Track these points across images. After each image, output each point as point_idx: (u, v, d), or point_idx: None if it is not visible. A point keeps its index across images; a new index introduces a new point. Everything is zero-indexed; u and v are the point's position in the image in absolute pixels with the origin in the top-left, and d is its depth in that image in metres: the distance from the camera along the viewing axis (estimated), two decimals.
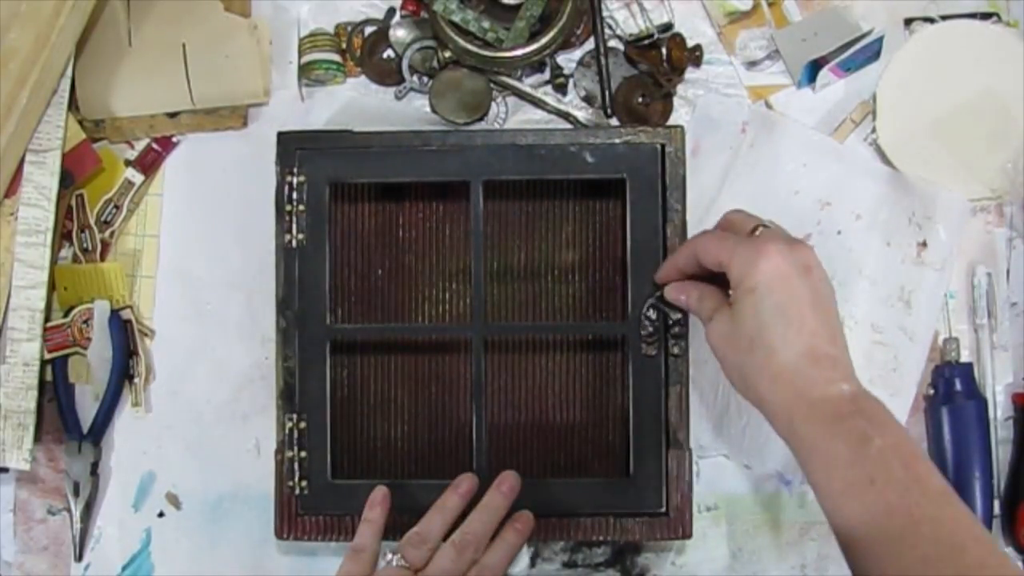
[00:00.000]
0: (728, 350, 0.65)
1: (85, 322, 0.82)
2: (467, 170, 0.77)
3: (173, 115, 0.84)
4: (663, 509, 0.75)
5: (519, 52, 0.81)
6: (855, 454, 0.59)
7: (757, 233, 0.66)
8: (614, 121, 0.83)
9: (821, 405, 0.61)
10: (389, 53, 0.85)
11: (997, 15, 0.84)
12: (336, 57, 0.84)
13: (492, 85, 0.84)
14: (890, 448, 0.59)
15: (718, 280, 0.68)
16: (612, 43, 0.84)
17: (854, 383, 0.62)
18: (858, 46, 0.81)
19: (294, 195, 0.76)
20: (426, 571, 0.68)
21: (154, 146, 0.85)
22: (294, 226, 0.76)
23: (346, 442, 0.78)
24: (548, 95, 0.84)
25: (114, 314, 0.82)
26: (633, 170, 0.76)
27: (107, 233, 0.84)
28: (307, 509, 0.76)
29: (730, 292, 0.65)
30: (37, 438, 0.80)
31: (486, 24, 0.82)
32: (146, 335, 0.84)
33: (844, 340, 0.64)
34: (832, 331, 0.63)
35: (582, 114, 0.84)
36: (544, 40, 0.81)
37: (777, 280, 0.62)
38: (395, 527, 0.73)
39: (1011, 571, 0.58)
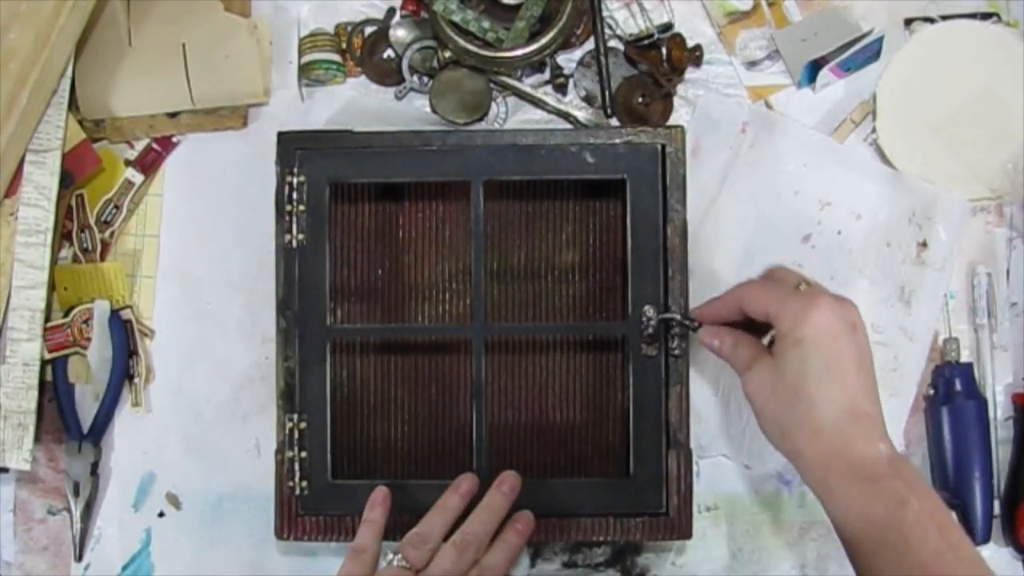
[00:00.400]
0: (767, 400, 0.65)
1: (85, 322, 0.82)
2: (467, 170, 0.76)
3: (173, 115, 0.84)
4: (663, 509, 0.75)
5: (519, 52, 0.81)
6: (892, 516, 0.61)
7: (802, 288, 0.66)
8: (614, 121, 0.83)
9: (860, 464, 0.62)
10: (389, 53, 0.85)
11: (997, 15, 0.84)
12: (336, 57, 0.84)
13: (492, 85, 0.84)
14: (926, 513, 0.61)
15: (752, 330, 0.68)
16: (612, 43, 0.84)
17: (890, 445, 0.63)
18: (858, 46, 0.81)
19: (294, 195, 0.76)
20: (427, 571, 0.68)
21: (154, 146, 0.85)
22: (294, 226, 0.76)
23: (346, 442, 0.78)
24: (548, 95, 0.84)
25: (114, 314, 0.82)
26: (633, 170, 0.76)
27: (107, 233, 0.84)
28: (307, 509, 0.76)
29: (772, 342, 0.66)
30: (37, 438, 0.80)
31: (486, 24, 0.82)
32: (146, 335, 0.84)
33: (879, 401, 0.64)
34: (872, 391, 0.64)
35: (582, 114, 0.84)
36: (544, 40, 0.81)
37: (825, 335, 0.63)
38: (395, 527, 0.73)
39: None
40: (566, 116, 0.84)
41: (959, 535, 0.61)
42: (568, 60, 0.85)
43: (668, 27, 0.84)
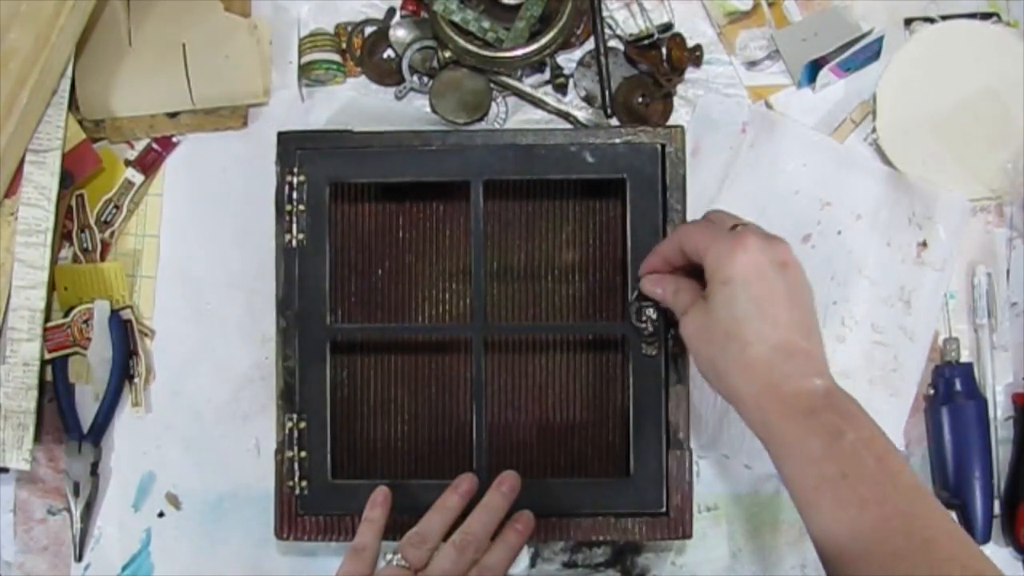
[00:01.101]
0: (701, 343, 0.65)
1: (85, 322, 0.82)
2: (467, 170, 0.77)
3: (173, 115, 0.84)
4: (663, 509, 0.75)
5: (519, 52, 0.81)
6: (828, 449, 0.59)
7: (738, 230, 0.66)
8: (614, 121, 0.83)
9: (794, 399, 0.61)
10: (389, 53, 0.85)
11: (997, 15, 0.84)
12: (336, 57, 0.84)
13: (492, 85, 0.84)
14: (863, 442, 0.60)
15: (698, 275, 0.67)
16: (612, 43, 0.84)
17: (827, 379, 0.62)
18: (858, 46, 0.81)
19: (294, 195, 0.76)
20: (426, 571, 0.68)
21: (154, 146, 0.85)
22: (294, 226, 0.76)
23: (346, 442, 0.78)
24: (548, 95, 0.84)
25: (114, 314, 0.82)
26: (633, 170, 0.76)
27: (107, 233, 0.84)
28: (307, 509, 0.76)
29: (705, 285, 0.65)
30: (37, 438, 0.80)
31: (486, 24, 0.82)
32: (146, 335, 0.84)
33: (820, 336, 0.63)
34: (807, 326, 0.63)
35: (582, 114, 0.84)
36: (544, 40, 0.81)
37: (753, 274, 0.62)
38: (395, 527, 0.73)
39: (981, 564, 0.58)
40: (566, 116, 0.84)
41: (899, 463, 0.60)
42: (568, 60, 0.85)
43: (668, 27, 0.84)
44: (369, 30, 0.86)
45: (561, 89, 0.85)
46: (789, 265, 0.63)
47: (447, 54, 0.82)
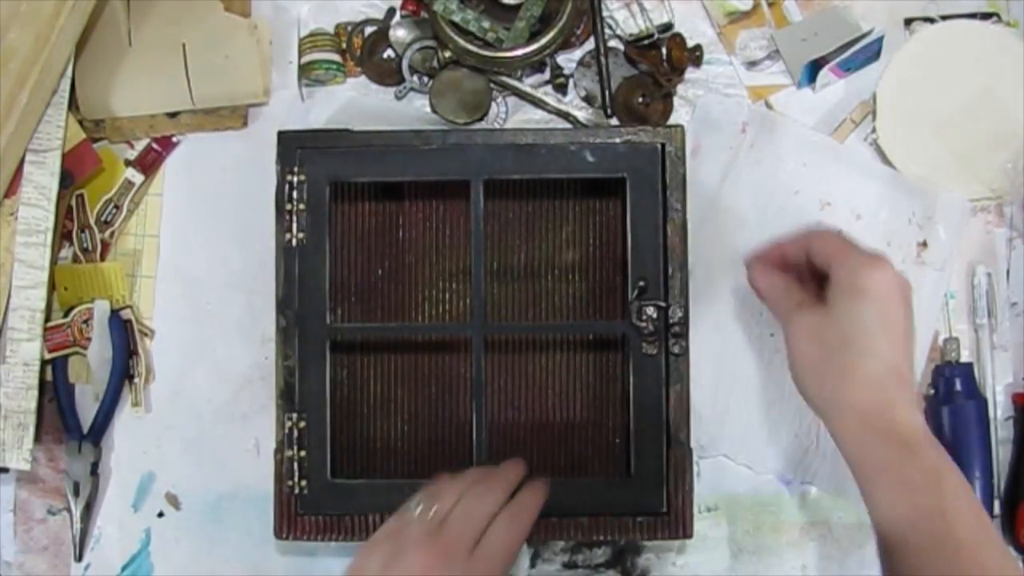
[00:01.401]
0: (811, 344, 0.65)
1: (85, 322, 0.82)
2: (467, 169, 0.76)
3: (173, 115, 0.84)
4: (663, 509, 0.75)
5: (519, 52, 0.81)
6: (931, 486, 0.61)
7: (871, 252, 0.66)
8: (614, 121, 0.83)
9: (900, 428, 0.62)
10: (389, 53, 0.85)
11: (997, 15, 0.84)
12: (336, 57, 0.84)
13: (492, 85, 0.84)
14: (962, 487, 0.61)
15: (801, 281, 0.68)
16: (612, 43, 0.84)
17: (919, 420, 0.63)
18: (858, 46, 0.81)
19: (294, 194, 0.76)
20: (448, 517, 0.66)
21: (154, 146, 0.85)
22: (294, 225, 0.76)
23: (346, 441, 0.78)
24: (548, 95, 0.84)
25: (114, 314, 0.82)
26: (633, 169, 0.76)
27: (107, 233, 0.84)
28: (306, 509, 0.76)
29: (828, 291, 0.65)
30: (37, 438, 0.80)
31: (486, 24, 0.82)
32: (146, 335, 0.84)
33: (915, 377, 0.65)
34: (913, 362, 0.64)
35: (582, 114, 0.84)
36: (544, 40, 0.81)
37: (886, 292, 0.63)
38: None
39: None
40: (566, 116, 0.84)
41: (987, 516, 0.62)
42: (568, 60, 0.85)
43: (668, 27, 0.84)
44: (369, 30, 0.86)
45: (561, 89, 0.85)
46: (911, 305, 0.64)
47: (447, 54, 0.82)
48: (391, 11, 0.86)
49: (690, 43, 0.84)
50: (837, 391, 0.63)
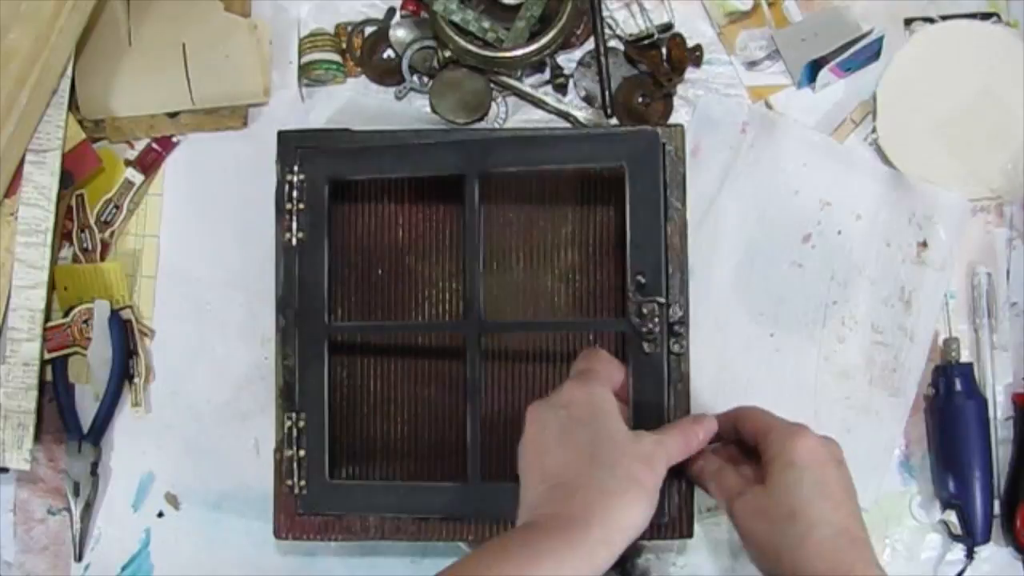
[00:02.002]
0: (759, 524, 0.65)
1: (85, 322, 0.82)
2: (463, 164, 0.76)
3: (173, 115, 0.84)
4: (663, 509, 0.75)
5: (519, 52, 0.81)
6: None
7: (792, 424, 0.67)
8: (614, 121, 0.83)
9: None
10: (389, 53, 0.85)
11: (997, 15, 0.84)
12: (336, 57, 0.84)
13: (492, 85, 0.84)
14: None
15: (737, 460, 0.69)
16: (612, 43, 0.84)
17: (883, 572, 0.63)
18: (858, 46, 0.81)
19: (294, 193, 0.76)
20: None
21: (154, 146, 0.85)
22: (294, 224, 0.76)
23: (345, 441, 0.78)
24: (548, 95, 0.84)
25: (114, 314, 0.82)
26: (632, 159, 0.75)
27: (107, 233, 0.84)
28: (306, 509, 0.76)
29: (763, 467, 0.66)
30: (37, 438, 0.80)
31: (486, 24, 0.82)
32: (146, 335, 0.84)
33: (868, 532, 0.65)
34: (861, 519, 0.64)
35: (582, 114, 0.84)
36: (544, 40, 0.81)
37: (814, 459, 0.64)
38: (396, 529, 0.73)
39: None
40: (566, 116, 0.84)
41: None
42: (568, 60, 0.85)
43: (668, 27, 0.84)
44: (369, 30, 0.86)
45: (561, 89, 0.85)
46: (843, 463, 0.65)
47: (447, 54, 0.82)
48: (391, 11, 0.86)
49: (690, 43, 0.84)
50: (795, 565, 0.63)
